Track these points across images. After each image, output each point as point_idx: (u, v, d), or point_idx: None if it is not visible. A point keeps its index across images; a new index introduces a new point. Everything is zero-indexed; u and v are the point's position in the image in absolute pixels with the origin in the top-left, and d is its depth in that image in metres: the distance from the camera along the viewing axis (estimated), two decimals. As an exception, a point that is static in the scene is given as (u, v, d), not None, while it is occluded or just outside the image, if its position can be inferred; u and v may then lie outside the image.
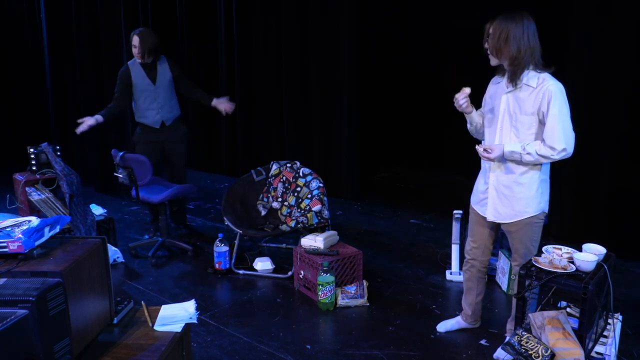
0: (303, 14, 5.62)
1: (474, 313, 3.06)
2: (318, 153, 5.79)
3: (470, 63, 5.44)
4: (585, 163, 4.14)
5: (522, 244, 2.68)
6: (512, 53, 2.44)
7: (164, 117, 4.48)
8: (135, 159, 4.07)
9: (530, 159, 2.49)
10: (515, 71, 2.48)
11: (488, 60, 2.62)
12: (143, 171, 4.05)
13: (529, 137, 2.52)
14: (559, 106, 2.42)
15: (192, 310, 2.10)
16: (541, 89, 2.45)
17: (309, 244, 3.66)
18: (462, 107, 2.67)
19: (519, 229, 2.66)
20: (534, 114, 2.48)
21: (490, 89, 2.74)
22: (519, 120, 2.53)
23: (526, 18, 2.46)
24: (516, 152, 2.50)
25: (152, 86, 4.38)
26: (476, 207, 2.83)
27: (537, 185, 2.59)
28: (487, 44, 2.54)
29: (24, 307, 1.42)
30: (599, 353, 2.50)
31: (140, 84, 4.38)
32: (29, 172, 4.55)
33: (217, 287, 3.81)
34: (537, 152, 2.46)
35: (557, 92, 2.43)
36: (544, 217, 2.69)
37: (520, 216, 2.62)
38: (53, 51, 6.68)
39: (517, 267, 2.70)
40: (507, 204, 2.64)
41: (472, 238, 2.90)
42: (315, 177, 4.08)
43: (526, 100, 2.49)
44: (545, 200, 2.66)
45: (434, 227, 4.92)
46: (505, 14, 2.48)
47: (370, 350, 2.95)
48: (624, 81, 3.91)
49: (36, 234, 1.78)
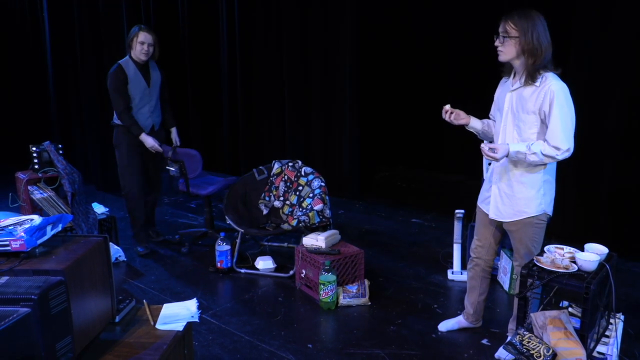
0: (304, 14, 5.62)
1: (476, 312, 3.05)
2: (320, 152, 5.80)
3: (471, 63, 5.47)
4: (587, 162, 4.13)
5: (522, 244, 2.67)
6: (543, 51, 2.41)
7: (155, 120, 4.24)
8: (186, 153, 4.35)
9: (535, 158, 2.47)
10: (538, 69, 2.44)
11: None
12: (194, 164, 4.35)
13: (531, 136, 2.51)
14: (562, 107, 2.41)
15: (194, 309, 2.10)
16: (543, 88, 2.43)
17: (311, 243, 3.66)
18: (454, 123, 2.70)
19: (519, 229, 2.65)
20: (535, 113, 2.47)
21: (498, 90, 2.74)
22: (521, 119, 2.52)
23: (540, 15, 2.45)
24: (521, 152, 2.47)
25: (147, 88, 4.13)
26: (482, 205, 2.84)
27: (540, 185, 2.57)
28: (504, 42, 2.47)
29: (26, 306, 1.42)
30: (600, 353, 2.50)
31: (135, 85, 4.08)
32: (31, 170, 4.55)
33: (219, 286, 3.81)
34: (542, 152, 2.44)
35: (560, 92, 2.41)
36: (547, 219, 2.66)
37: (520, 215, 2.61)
38: (55, 50, 6.69)
39: (518, 267, 2.69)
40: (508, 203, 2.64)
41: (477, 237, 2.91)
42: (317, 176, 4.08)
43: (529, 98, 2.48)
44: (548, 201, 2.62)
45: (435, 227, 4.92)
46: (520, 11, 2.44)
47: (371, 350, 2.94)
48: (625, 81, 3.91)
49: (38, 233, 1.78)
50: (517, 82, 2.54)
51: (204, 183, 4.44)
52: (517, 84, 2.53)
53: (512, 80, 2.58)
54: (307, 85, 5.76)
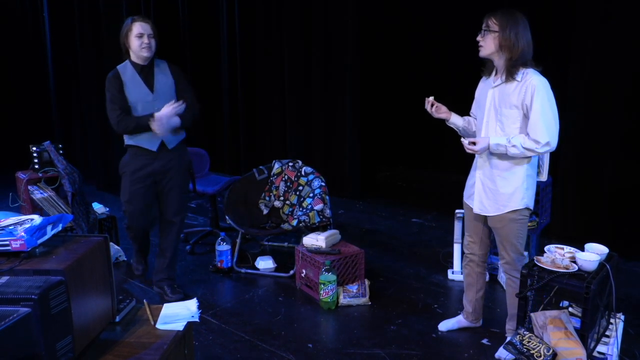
0: (305, 13, 5.62)
1: (475, 310, 3.06)
2: (320, 152, 5.80)
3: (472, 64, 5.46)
4: (587, 162, 4.14)
5: (508, 240, 2.70)
6: (520, 48, 2.49)
7: (165, 138, 3.32)
8: (194, 152, 4.39)
9: (515, 151, 2.52)
10: (516, 65, 2.52)
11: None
12: (202, 164, 4.43)
13: (513, 130, 2.57)
14: (542, 100, 2.47)
15: (194, 309, 2.10)
16: (525, 82, 2.50)
17: (311, 243, 3.66)
18: (435, 115, 2.80)
19: (505, 225, 2.68)
20: (518, 107, 2.53)
21: (479, 88, 2.82)
22: (504, 114, 2.58)
23: (523, 16, 2.54)
24: (502, 145, 2.54)
25: (150, 95, 3.29)
26: (468, 201, 2.88)
27: (523, 180, 2.62)
28: (485, 36, 2.57)
29: (26, 306, 1.43)
30: (601, 353, 2.50)
31: (132, 91, 3.26)
32: (31, 170, 4.56)
33: (219, 286, 3.81)
34: (522, 145, 2.50)
35: (541, 86, 2.47)
36: (529, 214, 2.70)
37: (503, 210, 2.65)
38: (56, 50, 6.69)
39: (505, 265, 2.73)
40: (491, 197, 2.69)
41: (468, 233, 2.95)
42: (317, 176, 4.08)
43: (511, 93, 2.54)
44: (530, 195, 2.66)
45: (435, 226, 4.92)
46: (504, 9, 2.53)
47: (371, 349, 2.95)
48: (626, 81, 3.90)
49: (38, 232, 1.78)
50: (498, 79, 2.62)
51: (209, 182, 4.48)
52: (499, 81, 2.61)
53: (493, 78, 2.66)
54: (307, 84, 5.76)
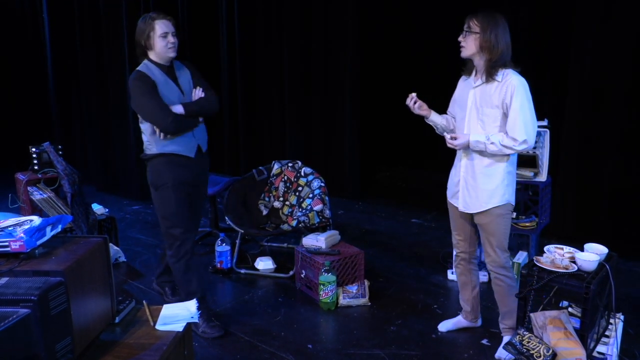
0: (305, 13, 5.62)
1: (473, 309, 3.06)
2: (320, 152, 5.80)
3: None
4: (587, 162, 4.14)
5: (494, 236, 2.73)
6: (500, 49, 2.54)
7: (200, 139, 3.09)
8: None
9: (494, 148, 2.58)
10: (495, 66, 2.57)
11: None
12: None
13: (494, 129, 2.63)
14: (522, 100, 2.53)
15: (194, 310, 2.10)
16: (505, 82, 2.56)
17: (311, 244, 3.66)
18: (416, 111, 2.81)
19: (491, 221, 2.72)
20: (499, 107, 2.58)
21: (459, 87, 2.85)
22: (485, 113, 2.63)
23: (503, 18, 2.59)
24: (481, 142, 2.60)
25: (182, 96, 3.01)
26: (452, 200, 2.91)
27: (503, 176, 2.67)
28: (466, 37, 2.61)
29: (25, 307, 1.42)
30: (600, 353, 2.50)
31: (166, 94, 2.93)
32: (30, 171, 4.56)
33: (219, 287, 3.81)
34: (501, 143, 2.57)
35: (520, 86, 2.54)
36: (512, 210, 2.76)
37: (486, 206, 2.69)
38: (55, 50, 6.69)
39: (491, 263, 2.77)
40: (474, 195, 2.73)
41: (455, 232, 2.97)
42: (316, 176, 4.08)
43: (492, 93, 2.59)
44: (511, 192, 2.71)
45: (435, 227, 4.92)
46: (485, 11, 2.58)
47: (371, 350, 2.94)
48: (626, 81, 3.90)
49: (38, 233, 1.78)
50: (478, 79, 2.67)
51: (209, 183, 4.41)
52: (479, 81, 2.65)
53: (473, 78, 2.71)
54: (307, 85, 5.76)
